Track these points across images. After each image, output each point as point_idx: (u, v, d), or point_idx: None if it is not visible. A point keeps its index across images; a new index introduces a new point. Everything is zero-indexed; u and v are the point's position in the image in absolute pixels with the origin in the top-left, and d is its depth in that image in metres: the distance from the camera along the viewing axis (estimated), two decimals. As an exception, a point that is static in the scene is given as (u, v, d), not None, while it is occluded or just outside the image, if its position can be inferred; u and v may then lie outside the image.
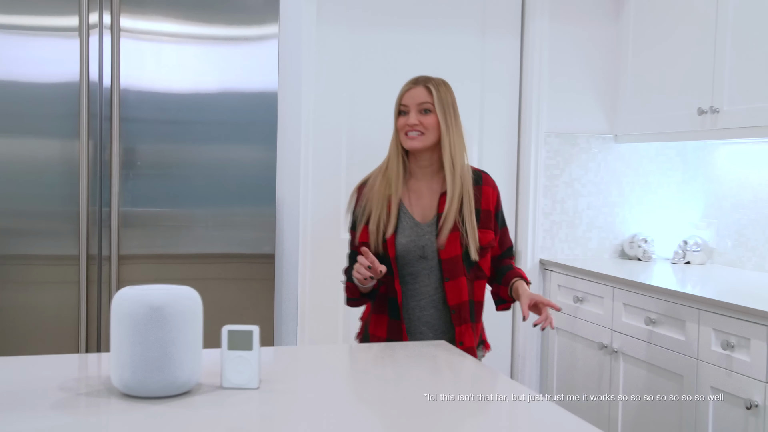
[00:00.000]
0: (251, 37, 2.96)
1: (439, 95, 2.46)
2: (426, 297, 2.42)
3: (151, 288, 1.58)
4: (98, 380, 1.69)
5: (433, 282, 2.41)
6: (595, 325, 3.54)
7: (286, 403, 1.54)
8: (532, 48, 3.90)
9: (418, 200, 2.46)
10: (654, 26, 3.77)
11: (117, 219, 2.84)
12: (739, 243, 3.75)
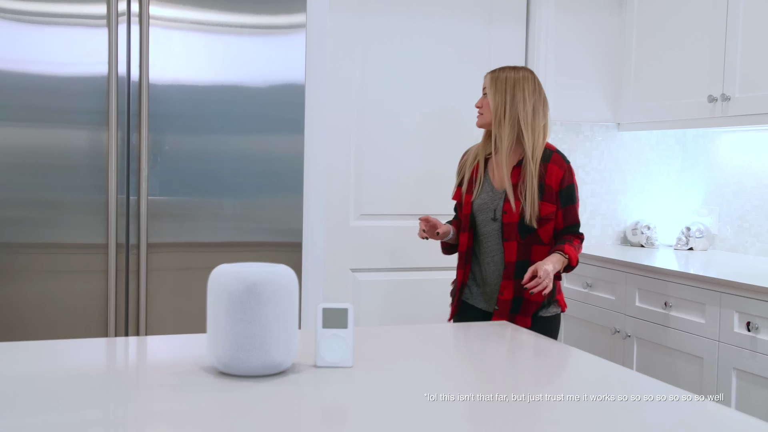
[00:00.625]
0: (279, 25, 2.94)
1: (495, 80, 2.79)
2: (495, 253, 2.80)
3: (248, 265, 1.56)
4: (190, 360, 1.66)
5: (497, 241, 2.79)
6: (607, 311, 3.58)
7: (382, 382, 1.53)
8: (538, 37, 3.93)
9: (498, 170, 2.82)
10: (658, 15, 3.83)
11: (146, 208, 2.80)
12: (742, 229, 3.83)
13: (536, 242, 2.74)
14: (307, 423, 1.29)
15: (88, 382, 1.50)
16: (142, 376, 1.55)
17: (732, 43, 3.38)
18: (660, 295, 3.29)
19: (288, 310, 1.55)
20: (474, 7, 3.89)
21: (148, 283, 2.83)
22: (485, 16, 3.91)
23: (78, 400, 1.38)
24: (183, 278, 2.88)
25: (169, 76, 2.84)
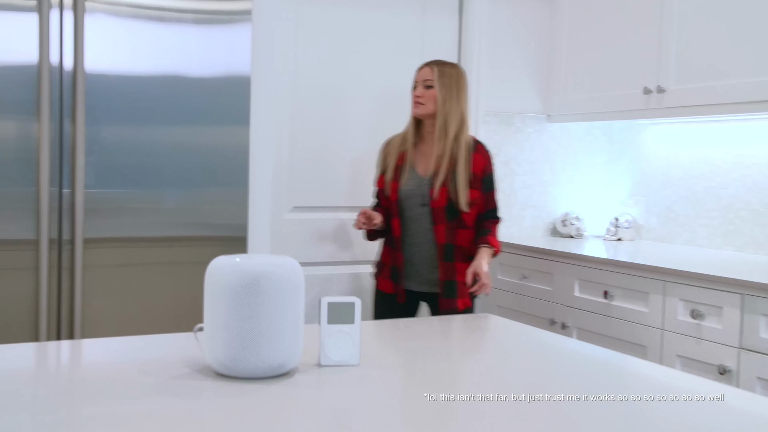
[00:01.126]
0: (223, 11, 2.79)
1: (441, 74, 3.03)
2: (422, 236, 3.03)
3: (249, 257, 1.43)
4: (185, 361, 1.52)
5: (427, 225, 3.02)
6: (544, 302, 3.58)
7: (391, 381, 1.43)
8: (471, 27, 3.90)
9: (423, 158, 3.07)
10: (589, 7, 3.86)
11: (81, 201, 2.60)
12: (669, 219, 3.90)
13: (461, 226, 3.00)
14: (319, 429, 1.18)
15: (43, 388, 1.34)
16: (126, 381, 1.40)
17: (667, 35, 3.43)
18: (600, 285, 3.30)
19: (296, 306, 1.43)
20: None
21: (83, 281, 2.64)
22: (419, 4, 3.84)
23: (39, 410, 1.23)
24: (121, 275, 2.70)
25: (105, 64, 2.65)
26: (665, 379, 1.51)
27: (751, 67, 3.09)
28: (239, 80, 2.84)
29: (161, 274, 2.76)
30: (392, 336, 1.81)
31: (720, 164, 3.65)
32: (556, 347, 1.78)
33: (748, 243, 3.51)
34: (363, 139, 3.76)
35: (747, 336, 2.72)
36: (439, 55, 3.89)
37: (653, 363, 1.64)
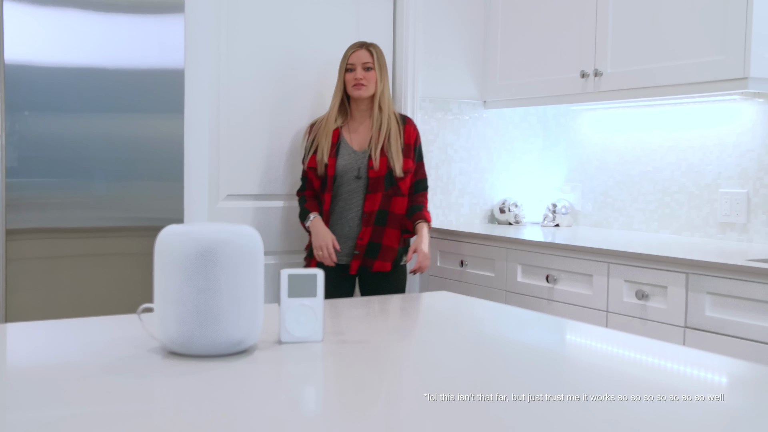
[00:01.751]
0: (156, 2, 2.66)
1: (378, 56, 3.29)
2: (353, 210, 3.24)
3: (202, 225, 1.32)
4: (132, 341, 1.39)
5: (359, 198, 3.22)
6: (486, 288, 3.53)
7: (358, 357, 1.34)
8: (406, 12, 3.83)
9: (355, 135, 3.29)
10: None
11: (2, 191, 2.43)
12: (606, 204, 3.91)
13: (397, 194, 3.24)
14: (282, 407, 1.09)
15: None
16: (69, 364, 1.28)
17: (602, 18, 3.42)
18: (543, 269, 3.27)
19: (255, 276, 1.33)
20: (340, -21, 3.73)
21: (6, 273, 2.46)
22: (353, -12, 3.76)
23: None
24: (47, 267, 2.54)
25: (28, 54, 2.50)
26: (664, 379, 1.45)
27: (688, 49, 3.10)
28: (172, 71, 2.72)
29: (91, 266, 2.60)
30: (350, 314, 1.72)
31: (655, 148, 3.67)
32: (519, 319, 1.72)
33: (684, 226, 3.53)
34: (297, 125, 3.65)
35: (692, 315, 2.72)
36: (374, 40, 3.80)
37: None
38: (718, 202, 3.39)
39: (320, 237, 3.17)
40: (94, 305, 2.61)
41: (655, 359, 1.38)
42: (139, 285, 2.70)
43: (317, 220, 3.20)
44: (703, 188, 3.45)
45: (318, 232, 3.18)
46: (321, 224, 3.19)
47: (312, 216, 3.22)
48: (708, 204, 3.43)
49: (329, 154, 3.21)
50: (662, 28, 3.19)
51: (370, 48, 3.28)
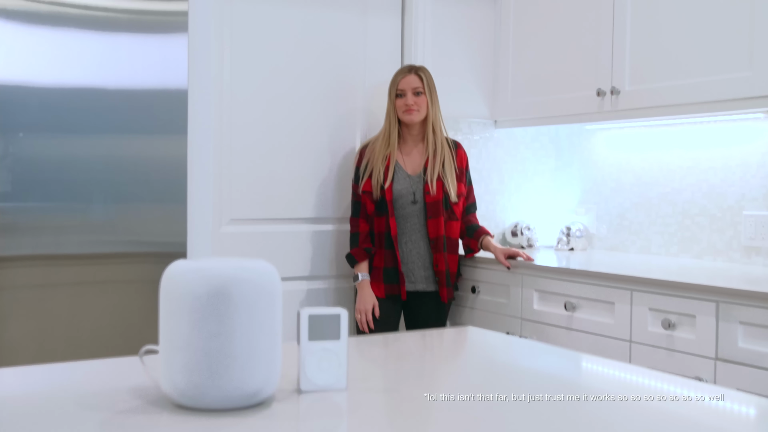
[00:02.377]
0: (160, 21, 2.54)
1: (427, 81, 3.30)
2: (415, 233, 3.29)
3: (213, 261, 1.18)
4: (133, 391, 1.24)
5: (420, 221, 3.28)
6: (500, 315, 3.38)
7: (387, 408, 1.19)
8: (414, 28, 3.71)
9: (408, 159, 3.33)
10: (536, 7, 3.71)
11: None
12: (622, 227, 3.77)
13: (452, 218, 3.31)
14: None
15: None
16: (64, 418, 1.13)
17: (620, 34, 3.30)
18: (561, 296, 3.12)
19: (273, 319, 1.18)
20: (347, -5, 3.60)
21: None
22: (360, 3, 3.63)
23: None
24: (41, 296, 2.39)
25: (21, 74, 2.36)
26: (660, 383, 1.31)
27: (711, 65, 2.97)
28: (175, 91, 2.59)
29: (88, 294, 2.46)
30: (376, 354, 1.57)
31: (674, 169, 3.53)
32: (544, 355, 1.57)
33: (705, 250, 3.39)
34: (304, 145, 3.52)
35: (724, 346, 2.57)
36: (382, 57, 3.68)
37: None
38: (741, 225, 3.25)
39: (364, 301, 3.24)
40: (92, 336, 2.46)
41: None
42: (140, 314, 2.55)
43: (365, 283, 3.25)
44: (726, 210, 3.31)
45: (363, 296, 3.24)
46: (368, 288, 3.25)
47: (361, 277, 3.26)
48: (731, 227, 3.29)
49: (384, 177, 3.23)
50: (683, 44, 3.07)
51: (419, 72, 3.29)
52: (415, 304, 3.38)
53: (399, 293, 3.30)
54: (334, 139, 3.57)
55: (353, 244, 3.32)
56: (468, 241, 3.40)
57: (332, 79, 3.56)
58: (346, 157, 3.60)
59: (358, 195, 3.31)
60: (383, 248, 3.28)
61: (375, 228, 3.29)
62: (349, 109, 3.61)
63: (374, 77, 3.67)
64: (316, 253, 3.51)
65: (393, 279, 3.29)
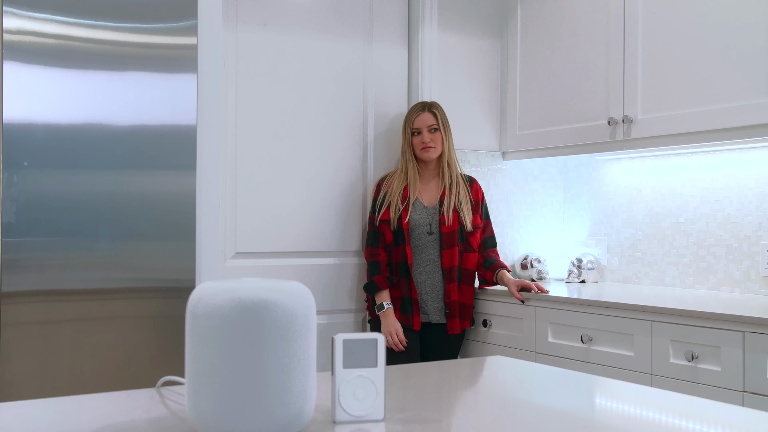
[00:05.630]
0: (168, 59, 2.50)
1: (441, 117, 3.38)
2: (429, 263, 3.32)
3: (244, 282, 1.10)
4: (155, 423, 1.15)
5: (435, 251, 3.32)
6: (513, 349, 3.29)
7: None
8: (421, 58, 3.66)
9: (425, 192, 3.39)
10: (543, 36, 3.67)
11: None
12: (634, 259, 3.69)
13: (468, 250, 3.35)
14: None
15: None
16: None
17: (631, 61, 3.25)
18: (576, 329, 3.04)
19: (308, 344, 1.10)
20: (354, 24, 3.56)
21: (1, 339, 2.22)
22: (366, 33, 3.59)
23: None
24: (46, 332, 2.30)
25: (28, 112, 2.32)
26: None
27: (727, 92, 2.92)
28: (183, 128, 2.54)
29: (94, 330, 2.37)
30: (407, 384, 1.48)
31: (687, 199, 3.47)
32: (582, 382, 1.49)
33: (722, 281, 3.31)
34: (309, 179, 3.45)
35: (751, 378, 2.49)
36: (389, 88, 3.64)
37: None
38: (760, 255, 3.18)
39: (391, 325, 3.25)
40: (98, 374, 2.37)
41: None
42: (145, 350, 2.46)
43: (390, 312, 3.25)
44: (743, 240, 3.25)
45: (389, 322, 3.25)
46: (393, 316, 3.26)
47: (386, 306, 3.26)
48: (748, 257, 3.22)
49: (402, 208, 3.29)
50: (697, 71, 3.02)
51: (432, 109, 3.36)
52: (428, 336, 3.35)
53: (412, 324, 3.28)
54: (340, 172, 3.51)
55: (374, 272, 3.31)
56: (484, 272, 3.39)
57: (338, 111, 3.51)
58: (352, 190, 3.53)
59: (377, 225, 3.34)
60: (399, 277, 3.31)
61: (392, 258, 3.32)
62: (356, 141, 3.56)
63: (381, 109, 3.62)
64: (320, 286, 3.43)
65: (408, 309, 3.29)
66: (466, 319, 3.36)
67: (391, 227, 3.30)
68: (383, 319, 3.27)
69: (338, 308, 3.49)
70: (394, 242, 3.32)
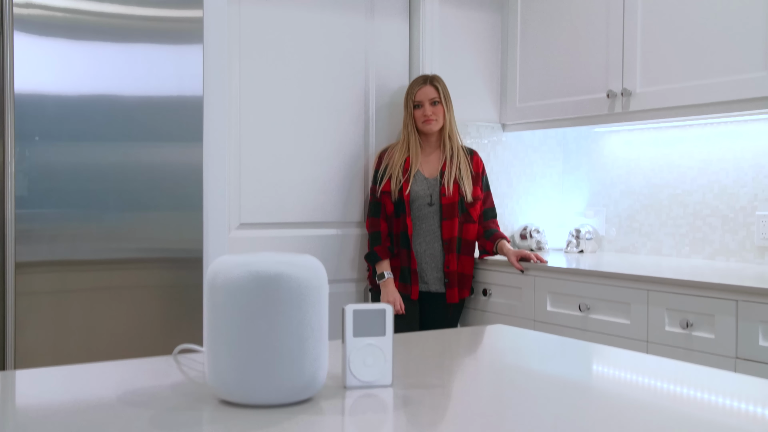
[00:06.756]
0: (174, 30, 2.53)
1: (443, 90, 3.41)
2: (429, 234, 3.38)
3: (260, 255, 1.16)
4: (176, 388, 1.22)
5: (435, 222, 3.38)
6: (512, 318, 3.37)
7: (434, 405, 1.17)
8: (422, 32, 3.70)
9: (426, 163, 3.44)
10: (544, 9, 3.70)
11: (12, 222, 2.26)
12: (632, 229, 3.76)
13: (468, 221, 3.41)
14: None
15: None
16: (114, 417, 1.11)
17: (630, 35, 3.30)
18: (574, 297, 3.11)
19: (320, 314, 1.16)
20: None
21: (16, 308, 2.29)
22: (367, 7, 3.62)
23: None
24: (59, 302, 2.36)
25: (38, 84, 2.36)
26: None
27: (726, 65, 2.97)
28: (190, 98, 2.58)
29: (105, 300, 2.43)
30: (412, 352, 1.55)
31: (684, 170, 3.53)
32: (584, 350, 1.56)
33: (718, 251, 3.38)
34: (312, 151, 3.50)
35: (743, 345, 2.56)
36: (391, 61, 3.68)
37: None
38: (755, 225, 3.24)
39: (390, 295, 3.31)
40: (109, 341, 2.44)
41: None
42: (156, 320, 2.53)
43: (390, 281, 3.32)
44: (738, 211, 3.31)
45: (389, 291, 3.31)
46: (392, 285, 3.32)
47: (387, 275, 3.32)
48: (744, 227, 3.29)
49: (403, 179, 3.33)
50: (696, 45, 3.06)
51: (434, 82, 3.40)
52: (428, 305, 3.42)
53: (410, 293, 3.36)
54: (342, 145, 3.56)
55: (375, 242, 3.38)
56: (484, 242, 3.47)
57: (341, 84, 3.56)
58: (355, 161, 3.59)
59: (378, 196, 3.40)
60: (399, 248, 3.37)
61: (392, 229, 3.39)
62: (358, 114, 3.60)
63: (383, 82, 3.66)
64: (322, 257, 3.50)
65: (407, 279, 3.35)
66: (465, 288, 3.44)
67: (392, 198, 3.35)
68: (383, 288, 3.34)
69: (340, 278, 3.55)
70: (394, 213, 3.38)
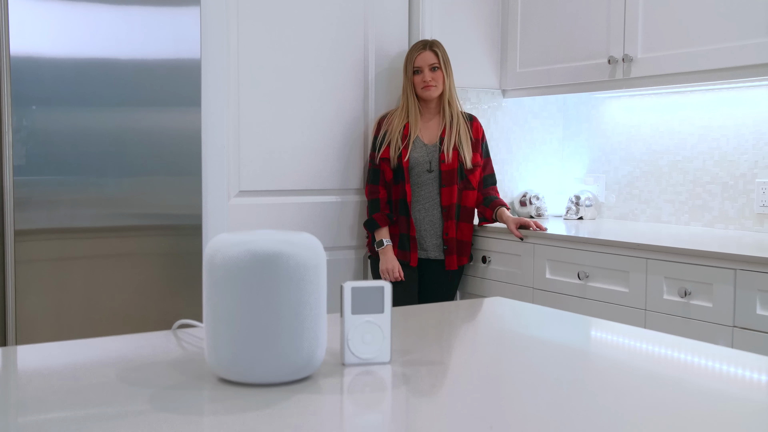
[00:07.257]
0: None
1: (443, 56, 3.37)
2: (429, 201, 3.37)
3: (258, 234, 1.16)
4: (175, 365, 1.23)
5: (434, 189, 3.36)
6: (511, 285, 3.38)
7: (432, 382, 1.17)
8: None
9: (425, 130, 3.41)
10: (547, -24, 3.66)
11: (11, 189, 2.25)
12: (632, 196, 3.75)
13: (467, 188, 3.40)
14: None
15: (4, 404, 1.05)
16: (112, 393, 1.11)
17: (632, 1, 3.26)
18: (573, 265, 3.12)
19: (318, 293, 1.16)
20: (354, -38, 3.55)
21: (16, 275, 2.29)
22: (367, -28, 3.58)
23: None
24: (58, 269, 2.37)
25: (34, 47, 2.33)
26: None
27: (728, 32, 2.94)
28: (188, 62, 2.56)
29: (104, 267, 2.44)
30: (411, 326, 1.56)
31: (685, 137, 3.52)
32: (582, 325, 1.56)
33: (717, 218, 3.38)
34: (311, 118, 3.48)
35: (741, 314, 2.57)
36: (390, 27, 3.64)
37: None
38: (754, 193, 3.24)
39: (389, 262, 3.32)
40: (108, 308, 2.45)
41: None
42: (155, 286, 2.54)
43: (389, 249, 3.32)
44: (738, 178, 3.30)
45: (388, 259, 3.32)
46: (392, 253, 3.33)
47: (386, 243, 3.32)
48: (743, 195, 3.28)
49: (402, 145, 3.31)
50: (698, 11, 3.03)
51: (434, 48, 3.35)
52: (427, 272, 3.43)
53: (409, 260, 3.36)
54: (341, 111, 3.54)
55: (374, 210, 3.37)
56: (483, 209, 3.45)
57: (340, 49, 3.53)
58: (354, 128, 3.57)
59: (377, 163, 3.38)
60: (398, 215, 3.37)
61: (391, 195, 3.38)
62: (357, 80, 3.58)
63: (382, 47, 3.63)
64: (322, 224, 3.50)
65: (406, 246, 3.35)
66: (464, 255, 3.44)
67: (391, 165, 3.34)
68: (382, 255, 3.34)
69: (340, 245, 3.56)
70: (393, 180, 3.37)
